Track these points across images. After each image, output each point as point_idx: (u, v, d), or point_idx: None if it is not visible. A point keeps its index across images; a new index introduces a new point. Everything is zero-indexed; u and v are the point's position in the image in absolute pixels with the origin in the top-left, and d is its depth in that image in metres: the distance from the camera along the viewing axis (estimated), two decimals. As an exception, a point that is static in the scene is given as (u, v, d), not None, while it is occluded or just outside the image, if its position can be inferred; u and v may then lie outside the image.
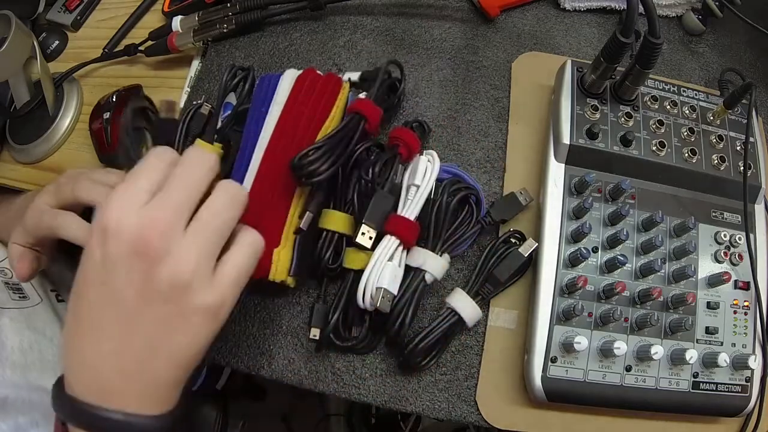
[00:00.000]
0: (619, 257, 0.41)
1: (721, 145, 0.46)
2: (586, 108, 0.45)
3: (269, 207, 0.43)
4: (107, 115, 0.53)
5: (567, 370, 0.40)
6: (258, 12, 0.54)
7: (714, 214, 0.45)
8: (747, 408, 0.42)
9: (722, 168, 0.45)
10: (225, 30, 0.55)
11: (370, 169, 0.42)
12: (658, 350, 0.39)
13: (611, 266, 0.42)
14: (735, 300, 0.44)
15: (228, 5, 0.55)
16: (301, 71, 0.46)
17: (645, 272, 0.42)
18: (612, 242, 0.43)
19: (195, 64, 0.57)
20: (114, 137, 0.52)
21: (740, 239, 0.45)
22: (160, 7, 0.61)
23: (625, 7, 0.40)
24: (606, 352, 0.40)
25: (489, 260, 0.43)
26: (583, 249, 0.42)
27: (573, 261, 0.42)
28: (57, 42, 0.64)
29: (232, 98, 0.50)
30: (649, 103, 0.46)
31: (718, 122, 0.47)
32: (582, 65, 0.47)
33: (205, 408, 0.40)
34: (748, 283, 0.44)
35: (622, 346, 0.39)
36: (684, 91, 0.48)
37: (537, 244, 0.43)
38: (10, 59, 0.52)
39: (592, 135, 0.44)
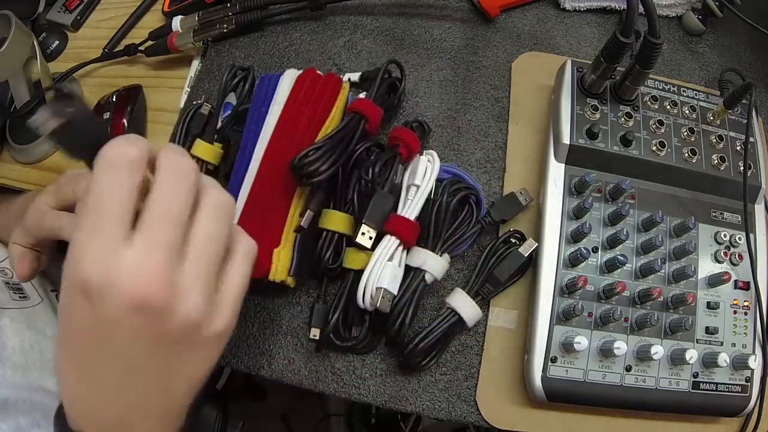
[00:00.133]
0: (619, 257, 0.41)
1: (721, 145, 0.46)
2: (586, 108, 0.45)
3: (269, 207, 0.43)
4: (107, 115, 0.53)
5: (567, 370, 0.40)
6: (258, 12, 0.54)
7: (714, 214, 0.45)
8: (747, 408, 0.42)
9: (722, 168, 0.45)
10: (225, 30, 0.55)
11: (370, 169, 0.42)
12: (658, 350, 0.39)
13: (611, 266, 0.42)
14: (735, 300, 0.44)
15: (228, 5, 0.55)
16: (301, 71, 0.46)
17: (645, 272, 0.42)
18: (612, 242, 0.43)
19: (195, 64, 0.57)
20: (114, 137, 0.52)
21: (740, 239, 0.45)
22: (160, 7, 0.61)
23: (625, 7, 0.40)
24: (606, 352, 0.40)
25: (489, 260, 0.43)
26: (583, 249, 0.42)
27: (573, 261, 0.42)
28: (57, 42, 0.64)
29: (232, 98, 0.50)
30: (649, 103, 0.46)
31: (718, 122, 0.47)
32: (582, 65, 0.47)
33: (205, 408, 0.39)
34: (748, 283, 0.44)
35: (622, 346, 0.39)
36: (684, 91, 0.48)
37: (537, 244, 0.43)
38: (10, 59, 0.52)
39: (592, 135, 0.44)
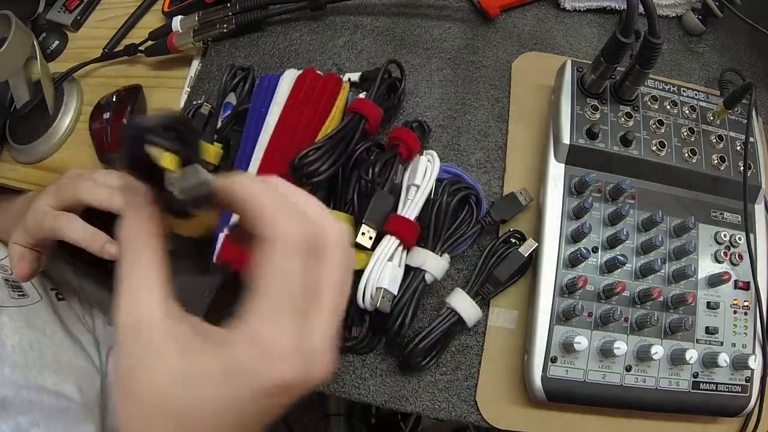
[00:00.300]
0: (619, 257, 0.41)
1: (721, 145, 0.46)
2: (586, 108, 0.45)
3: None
4: (107, 115, 0.53)
5: (567, 370, 0.40)
6: (258, 12, 0.54)
7: (714, 214, 0.45)
8: (747, 408, 0.42)
9: (722, 168, 0.45)
10: (225, 30, 0.55)
11: (370, 169, 0.42)
12: (658, 350, 0.39)
13: (611, 266, 0.42)
14: (735, 300, 0.44)
15: (228, 5, 0.55)
16: (301, 71, 0.46)
17: (645, 272, 0.42)
18: (612, 242, 0.43)
19: (195, 64, 0.57)
20: (113, 137, 0.52)
21: (740, 239, 0.45)
22: (160, 7, 0.61)
23: (625, 7, 0.40)
24: (606, 352, 0.40)
25: (489, 260, 0.43)
26: (583, 249, 0.42)
27: (573, 261, 0.42)
28: (57, 42, 0.64)
29: (232, 98, 0.50)
30: (649, 103, 0.46)
31: (718, 122, 0.47)
32: (582, 65, 0.47)
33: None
34: (748, 283, 0.44)
35: (622, 346, 0.39)
36: (684, 91, 0.48)
37: (537, 244, 0.43)
38: (10, 59, 0.52)
39: (592, 135, 0.44)
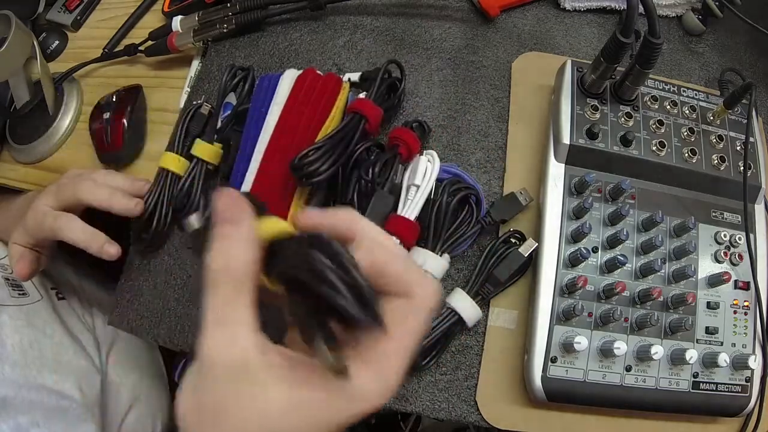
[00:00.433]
0: (619, 257, 0.41)
1: (721, 145, 0.46)
2: (586, 108, 0.45)
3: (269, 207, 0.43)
4: (107, 115, 0.53)
5: (567, 370, 0.40)
6: (258, 12, 0.54)
7: (714, 214, 0.45)
8: (747, 408, 0.42)
9: (722, 168, 0.45)
10: (225, 30, 0.55)
11: (370, 169, 0.42)
12: (658, 350, 0.39)
13: (611, 266, 0.42)
14: (735, 300, 0.44)
15: (228, 5, 0.55)
16: (301, 71, 0.46)
17: (645, 272, 0.42)
18: (612, 242, 0.43)
19: (195, 64, 0.57)
20: (113, 137, 0.52)
21: (740, 239, 0.45)
22: (160, 7, 0.61)
23: (625, 7, 0.40)
24: (606, 352, 0.40)
25: (489, 260, 0.43)
26: (583, 249, 0.42)
27: (573, 261, 0.42)
28: (57, 42, 0.64)
29: (232, 98, 0.50)
30: (649, 103, 0.46)
31: (718, 122, 0.47)
32: (582, 65, 0.46)
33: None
34: (748, 283, 0.44)
35: (622, 346, 0.39)
36: (684, 91, 0.48)
37: (537, 244, 0.43)
38: (10, 59, 0.52)
39: (592, 135, 0.44)
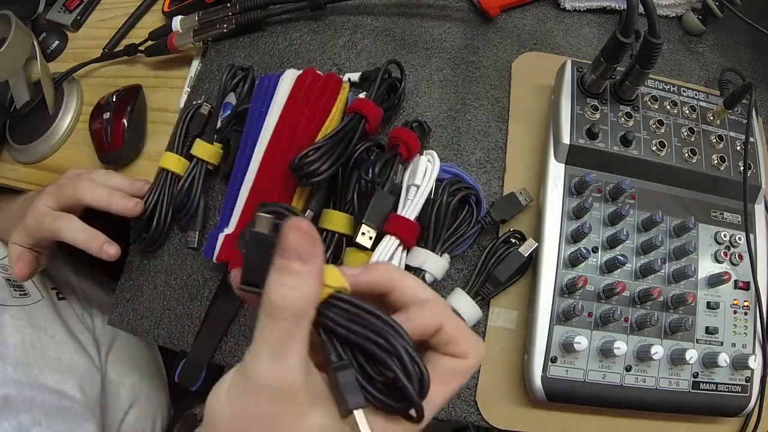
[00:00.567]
0: (619, 257, 0.41)
1: (721, 145, 0.46)
2: (586, 108, 0.45)
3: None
4: (107, 115, 0.53)
5: (567, 370, 0.40)
6: (258, 12, 0.54)
7: (714, 214, 0.45)
8: (747, 408, 0.42)
9: (722, 168, 0.45)
10: (225, 30, 0.55)
11: (370, 169, 0.42)
12: (658, 350, 0.39)
13: (611, 266, 0.42)
14: (735, 300, 0.44)
15: (228, 5, 0.55)
16: (301, 71, 0.46)
17: (645, 272, 0.42)
18: (612, 242, 0.43)
19: (195, 64, 0.57)
20: (113, 137, 0.52)
21: (740, 239, 0.45)
22: (160, 7, 0.61)
23: (625, 7, 0.40)
24: (606, 352, 0.40)
25: (489, 260, 0.43)
26: (583, 249, 0.42)
27: (573, 261, 0.42)
28: (57, 42, 0.64)
29: (232, 98, 0.50)
30: (649, 103, 0.46)
31: (718, 122, 0.47)
32: (582, 65, 0.46)
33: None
34: (748, 283, 0.44)
35: (622, 346, 0.39)
36: (684, 91, 0.48)
37: (537, 244, 0.43)
38: (10, 59, 0.52)
39: (592, 135, 0.44)
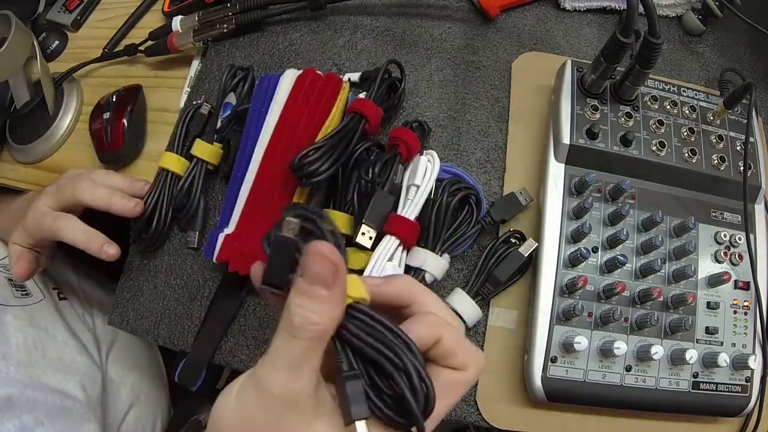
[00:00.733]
0: (619, 257, 0.41)
1: (721, 145, 0.46)
2: (586, 108, 0.45)
3: (269, 207, 0.43)
4: (107, 115, 0.53)
5: (567, 370, 0.40)
6: (258, 12, 0.54)
7: (714, 214, 0.45)
8: (747, 408, 0.42)
9: (722, 168, 0.45)
10: (225, 30, 0.55)
11: (370, 169, 0.42)
12: (658, 350, 0.39)
13: (611, 266, 0.42)
14: (735, 300, 0.44)
15: (228, 5, 0.55)
16: (301, 71, 0.46)
17: (645, 272, 0.42)
18: (612, 242, 0.43)
19: (195, 64, 0.57)
20: (113, 137, 0.52)
21: (740, 239, 0.45)
22: (160, 7, 0.61)
23: (625, 7, 0.40)
24: (606, 352, 0.40)
25: (489, 260, 0.43)
26: (583, 249, 0.42)
27: (573, 261, 0.42)
28: (57, 42, 0.64)
29: (232, 98, 0.50)
30: (649, 103, 0.46)
31: (718, 122, 0.47)
32: (582, 65, 0.46)
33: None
34: (748, 283, 0.44)
35: (622, 346, 0.39)
36: (684, 91, 0.48)
37: (537, 244, 0.43)
38: (10, 59, 0.52)
39: (592, 135, 0.44)
